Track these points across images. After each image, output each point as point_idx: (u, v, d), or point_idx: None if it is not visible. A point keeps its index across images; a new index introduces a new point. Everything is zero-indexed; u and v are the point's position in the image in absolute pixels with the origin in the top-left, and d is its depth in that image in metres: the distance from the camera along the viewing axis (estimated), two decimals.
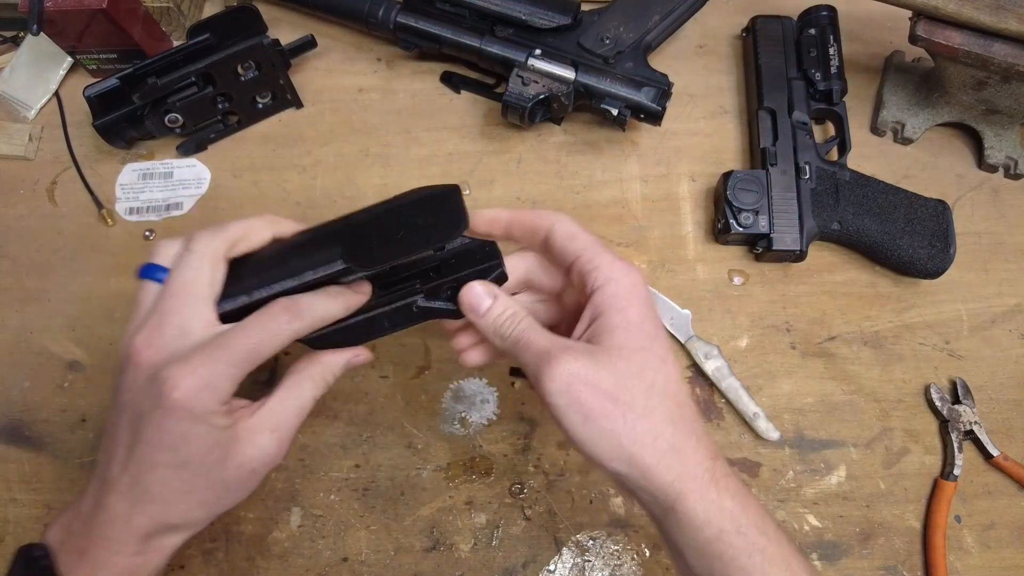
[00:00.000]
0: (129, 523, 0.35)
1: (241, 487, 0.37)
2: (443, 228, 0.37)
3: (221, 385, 0.34)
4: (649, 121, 0.57)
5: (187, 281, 0.36)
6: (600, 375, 0.34)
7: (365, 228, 0.38)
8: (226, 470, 0.36)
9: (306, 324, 0.37)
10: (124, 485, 0.35)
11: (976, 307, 0.57)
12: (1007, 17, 0.49)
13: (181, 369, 0.34)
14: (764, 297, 0.57)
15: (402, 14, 0.61)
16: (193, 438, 0.34)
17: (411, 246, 0.37)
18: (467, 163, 0.62)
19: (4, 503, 0.52)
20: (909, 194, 0.56)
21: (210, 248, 0.37)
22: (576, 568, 0.50)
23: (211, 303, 0.36)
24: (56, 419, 0.54)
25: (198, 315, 0.36)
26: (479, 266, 0.40)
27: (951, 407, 0.53)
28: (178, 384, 0.33)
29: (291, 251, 0.39)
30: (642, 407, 0.34)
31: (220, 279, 0.37)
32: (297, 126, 0.63)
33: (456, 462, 0.53)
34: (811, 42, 0.60)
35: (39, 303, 0.57)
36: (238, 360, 0.35)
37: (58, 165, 0.62)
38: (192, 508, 0.36)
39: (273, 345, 0.36)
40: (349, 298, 0.39)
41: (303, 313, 0.37)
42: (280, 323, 0.36)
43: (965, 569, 0.50)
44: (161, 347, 0.35)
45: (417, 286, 0.40)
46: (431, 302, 0.40)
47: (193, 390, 0.33)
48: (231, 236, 0.38)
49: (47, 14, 0.54)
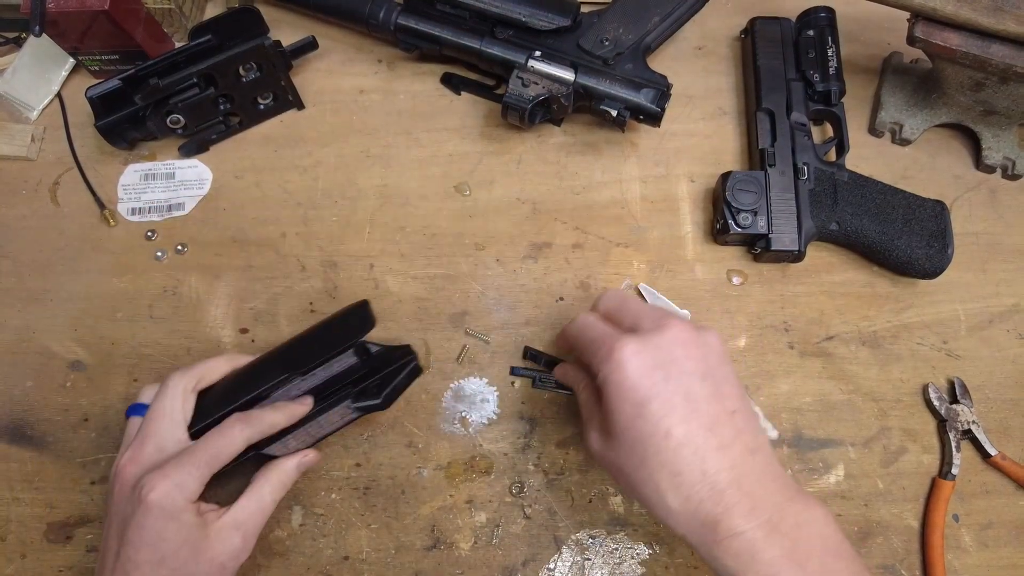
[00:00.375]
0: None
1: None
2: (356, 328, 0.48)
3: (189, 485, 0.41)
4: (648, 122, 0.58)
5: (163, 409, 0.45)
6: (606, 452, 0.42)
7: (297, 347, 0.50)
8: (198, 564, 0.41)
9: (256, 431, 0.45)
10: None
11: (974, 307, 0.57)
12: (1005, 18, 0.49)
13: (156, 475, 0.41)
14: (763, 297, 0.57)
15: (402, 16, 0.61)
16: (167, 533, 0.40)
17: (332, 346, 0.48)
18: (467, 164, 0.62)
19: (6, 502, 0.52)
20: (907, 195, 0.56)
21: (181, 384, 0.46)
22: (576, 566, 0.50)
23: (183, 425, 0.45)
24: (58, 419, 0.54)
25: (172, 435, 0.44)
26: (396, 364, 0.49)
27: (949, 407, 0.53)
28: (154, 487, 0.40)
29: (243, 376, 0.48)
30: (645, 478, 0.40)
31: (190, 407, 0.46)
32: (298, 127, 0.63)
33: (456, 461, 0.53)
34: (810, 43, 0.60)
35: (41, 303, 0.58)
36: (202, 464, 0.42)
37: (60, 166, 0.62)
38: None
39: (230, 450, 0.43)
40: (293, 409, 0.47)
41: (253, 422, 0.45)
42: (235, 432, 0.44)
43: (963, 568, 0.50)
44: (142, 462, 0.43)
45: (349, 389, 0.49)
46: (359, 402, 0.49)
47: (166, 490, 0.40)
48: (197, 374, 0.47)
49: (49, 15, 0.54)
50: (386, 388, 0.49)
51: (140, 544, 0.40)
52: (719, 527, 0.36)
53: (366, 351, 0.50)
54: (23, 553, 0.51)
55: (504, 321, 0.56)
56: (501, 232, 0.59)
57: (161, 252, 0.59)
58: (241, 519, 0.44)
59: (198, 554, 0.41)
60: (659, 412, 0.37)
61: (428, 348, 0.56)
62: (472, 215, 0.60)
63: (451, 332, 0.56)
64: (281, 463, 0.47)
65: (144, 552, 0.40)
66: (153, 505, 0.40)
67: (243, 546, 0.43)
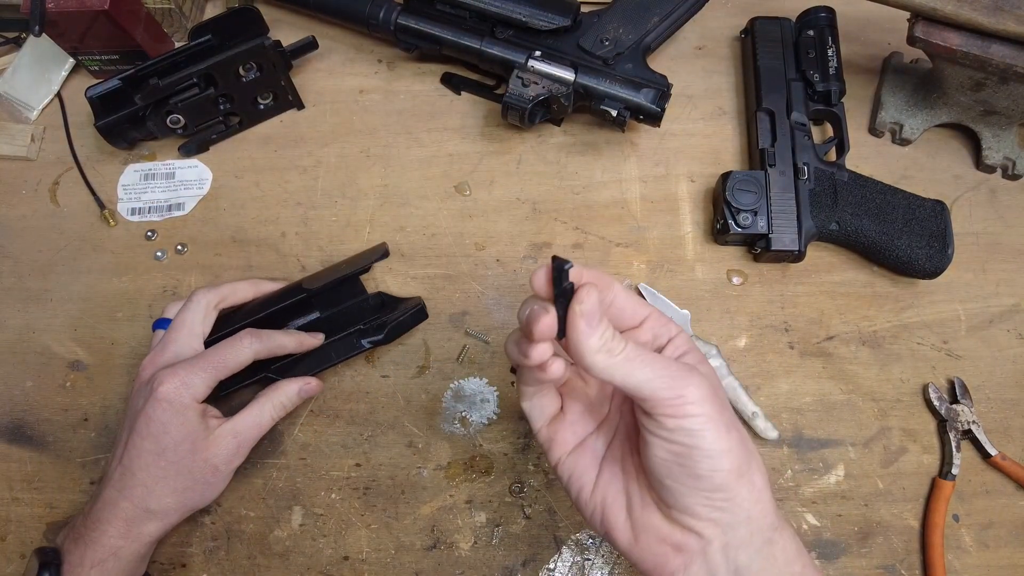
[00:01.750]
0: (116, 506, 0.44)
1: (206, 482, 0.46)
2: (370, 259, 0.54)
3: (196, 385, 0.45)
4: (648, 122, 0.58)
5: (185, 321, 0.48)
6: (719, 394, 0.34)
7: (315, 276, 0.54)
8: (194, 462, 0.45)
9: (264, 347, 0.48)
10: (117, 475, 0.45)
11: (974, 307, 0.57)
12: (1005, 18, 0.49)
13: (167, 372, 0.45)
14: (763, 297, 0.57)
15: (403, 16, 0.61)
16: (171, 426, 0.44)
17: (346, 271, 0.53)
18: (467, 164, 0.62)
19: (6, 502, 0.52)
20: (907, 194, 0.56)
21: (205, 299, 0.49)
22: (576, 566, 0.50)
23: (200, 337, 0.48)
24: (58, 418, 0.54)
25: (189, 344, 0.48)
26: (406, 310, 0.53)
27: (949, 407, 0.53)
28: (163, 381, 0.44)
29: (263, 300, 0.52)
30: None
31: (210, 322, 0.49)
32: (298, 127, 0.63)
33: (456, 461, 0.53)
34: (810, 43, 0.60)
35: (41, 303, 0.58)
36: (209, 367, 0.46)
37: (60, 166, 0.62)
38: (165, 493, 0.45)
39: (237, 359, 0.47)
40: (304, 339, 0.51)
41: (263, 338, 0.48)
42: (244, 343, 0.47)
43: (963, 568, 0.50)
44: (159, 364, 0.47)
45: (360, 327, 0.53)
46: (366, 337, 0.53)
47: (174, 386, 0.44)
48: (222, 292, 0.50)
49: (49, 15, 0.54)
50: (389, 325, 0.53)
51: (146, 433, 0.44)
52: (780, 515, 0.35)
53: (381, 299, 0.55)
54: (23, 553, 0.51)
55: (504, 321, 0.56)
56: (501, 232, 0.59)
57: (161, 252, 0.59)
58: (239, 428, 0.47)
59: (195, 451, 0.45)
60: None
61: (428, 348, 0.56)
62: (472, 215, 0.60)
63: (451, 332, 0.56)
64: (284, 385, 0.50)
65: (148, 441, 0.44)
66: (161, 398, 0.44)
67: (236, 452, 0.47)
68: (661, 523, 0.34)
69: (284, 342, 0.49)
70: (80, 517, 0.45)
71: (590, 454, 0.38)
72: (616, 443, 0.38)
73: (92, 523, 0.44)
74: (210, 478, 0.46)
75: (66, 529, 0.46)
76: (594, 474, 0.37)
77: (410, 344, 0.56)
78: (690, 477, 0.32)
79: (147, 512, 0.44)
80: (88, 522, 0.44)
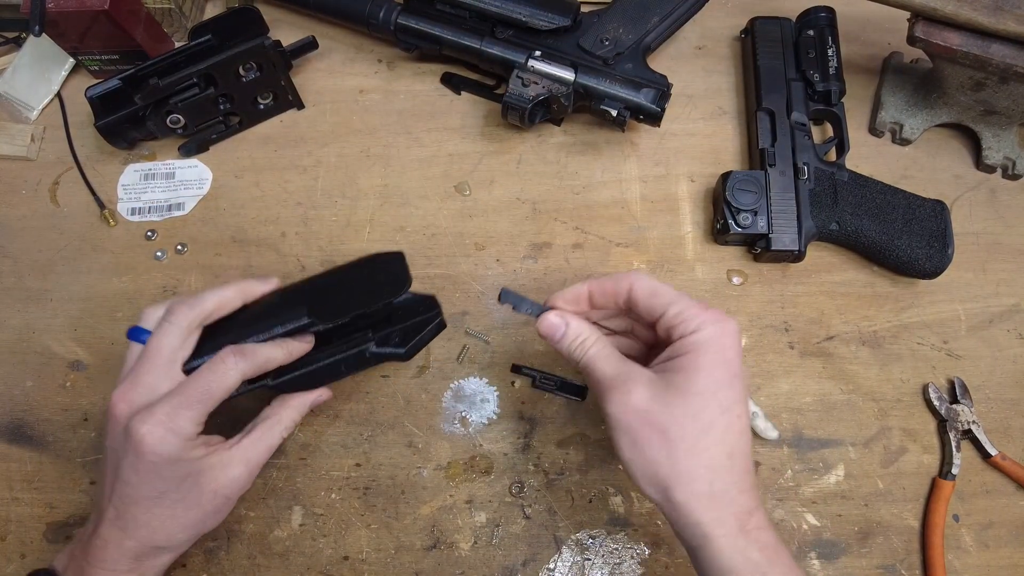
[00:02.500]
0: (121, 546, 0.40)
1: (217, 511, 0.43)
2: (390, 287, 0.46)
3: (184, 427, 0.40)
4: (648, 122, 0.58)
5: (161, 346, 0.42)
6: (656, 409, 0.37)
7: (325, 289, 0.47)
8: (202, 496, 0.41)
9: (251, 366, 0.42)
10: (112, 515, 0.41)
11: (974, 307, 0.57)
12: (1005, 18, 0.49)
13: (148, 420, 0.39)
14: (763, 297, 0.57)
15: (402, 16, 0.61)
16: (166, 473, 0.40)
17: (364, 303, 0.45)
18: (467, 163, 0.62)
19: (6, 502, 0.52)
20: (907, 194, 0.56)
21: (186, 319, 0.43)
22: (576, 566, 0.50)
23: (180, 365, 0.42)
24: (58, 418, 0.54)
25: (167, 375, 0.42)
26: (422, 316, 0.48)
27: (949, 406, 0.53)
28: (146, 433, 0.39)
29: (261, 313, 0.46)
30: (689, 447, 0.37)
31: (191, 346, 0.43)
32: (298, 127, 0.63)
33: (456, 461, 0.53)
34: (810, 43, 0.60)
35: (41, 303, 0.58)
36: (196, 403, 0.41)
37: (60, 166, 0.62)
38: (175, 531, 0.42)
39: (224, 385, 0.41)
40: (291, 346, 0.45)
41: (248, 356, 0.42)
42: (227, 366, 0.41)
43: (963, 568, 0.50)
44: (132, 402, 0.41)
45: (369, 335, 0.48)
46: (382, 348, 0.47)
47: (160, 436, 0.39)
48: (206, 308, 0.44)
49: (49, 15, 0.54)
50: (410, 340, 0.47)
51: (138, 484, 0.40)
52: (751, 519, 0.37)
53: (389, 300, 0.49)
54: (23, 553, 0.51)
55: (504, 321, 0.56)
56: (501, 232, 0.59)
57: (161, 252, 0.59)
58: (251, 455, 0.43)
59: (201, 487, 0.41)
60: (741, 393, 0.38)
61: (428, 348, 0.56)
62: (472, 215, 0.60)
63: (451, 332, 0.56)
64: (292, 399, 0.46)
65: (143, 488, 0.40)
66: (147, 451, 0.39)
67: (247, 480, 0.44)
68: None
69: (272, 356, 0.44)
70: (79, 547, 0.42)
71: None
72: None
73: (96, 562, 0.40)
74: (222, 507, 0.43)
75: (65, 556, 0.43)
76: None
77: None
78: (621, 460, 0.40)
79: (156, 549, 0.42)
80: (91, 560, 0.41)
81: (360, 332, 0.48)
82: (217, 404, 0.42)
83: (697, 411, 0.37)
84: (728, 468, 0.37)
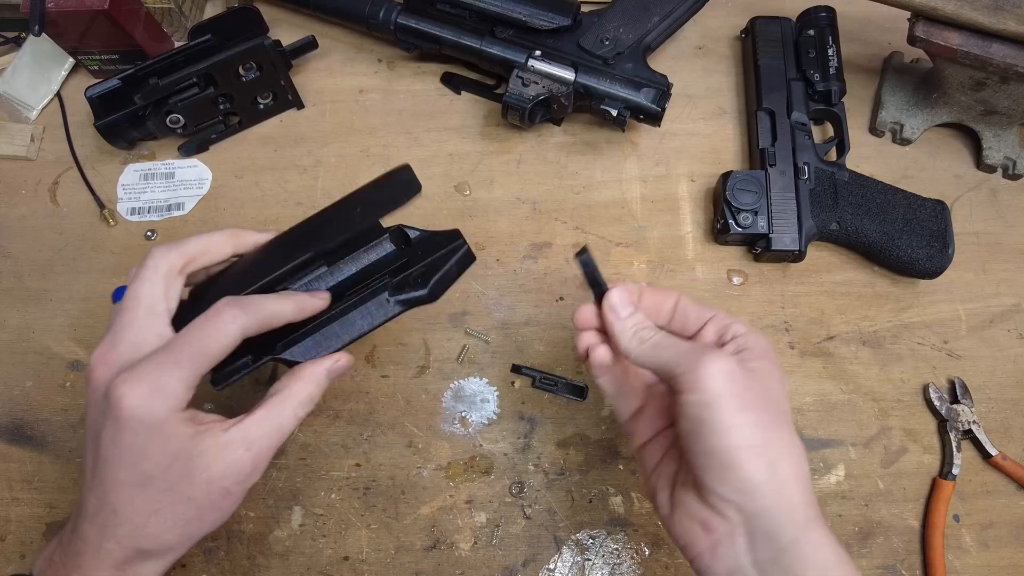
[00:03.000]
0: (99, 550, 0.34)
1: (214, 507, 0.35)
2: (401, 192, 0.38)
3: (173, 389, 0.33)
4: (649, 122, 0.58)
5: (140, 295, 0.36)
6: (749, 376, 0.34)
7: (322, 222, 0.40)
8: (193, 486, 0.34)
9: (253, 320, 0.35)
10: (92, 507, 0.34)
11: (974, 307, 0.57)
12: (1005, 18, 0.49)
13: (129, 379, 0.32)
14: (763, 297, 0.57)
15: (402, 15, 0.61)
16: (150, 450, 0.33)
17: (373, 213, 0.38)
18: (467, 163, 0.62)
19: (6, 502, 0.52)
20: (908, 194, 0.56)
21: (165, 261, 0.37)
22: (576, 567, 0.50)
23: (166, 316, 0.36)
24: (58, 418, 0.54)
25: (151, 328, 0.35)
26: (445, 248, 0.41)
27: (950, 407, 0.53)
28: (126, 394, 0.32)
29: (257, 263, 0.39)
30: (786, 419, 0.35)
31: (175, 293, 0.37)
32: (298, 127, 0.63)
33: (456, 461, 0.53)
34: (810, 43, 0.60)
35: (41, 303, 0.58)
36: (186, 360, 0.33)
37: (60, 165, 0.62)
38: (163, 530, 0.34)
39: (221, 342, 0.34)
40: (303, 301, 0.38)
41: (249, 308, 0.35)
42: (225, 318, 0.34)
43: (964, 568, 0.50)
44: (113, 362, 0.34)
45: (387, 280, 0.41)
46: (404, 293, 0.41)
47: (142, 398, 0.32)
48: (189, 250, 0.38)
49: (49, 15, 0.54)
50: (433, 276, 0.41)
51: (118, 463, 0.33)
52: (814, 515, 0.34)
53: (405, 237, 0.42)
54: (23, 553, 0.51)
55: (504, 321, 0.56)
56: (501, 232, 0.59)
57: None
58: (253, 436, 0.35)
59: (192, 474, 0.34)
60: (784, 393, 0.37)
61: (428, 348, 0.56)
62: (472, 215, 0.60)
63: (451, 332, 0.56)
64: (306, 369, 0.38)
65: (123, 472, 0.33)
66: (127, 416, 0.32)
67: (252, 468, 0.35)
68: (692, 500, 0.35)
69: (278, 309, 0.36)
70: (59, 551, 0.36)
71: (660, 444, 0.40)
72: None
73: (73, 566, 0.34)
74: (220, 502, 0.35)
75: (43, 561, 0.36)
76: (658, 459, 0.39)
77: (410, 344, 0.56)
78: (703, 452, 0.33)
79: (140, 553, 0.34)
80: (69, 568, 0.34)
81: (376, 280, 0.41)
82: (212, 364, 0.34)
83: (777, 391, 0.35)
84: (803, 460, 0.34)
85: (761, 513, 0.33)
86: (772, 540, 0.33)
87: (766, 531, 0.33)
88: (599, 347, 0.41)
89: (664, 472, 0.39)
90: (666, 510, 0.37)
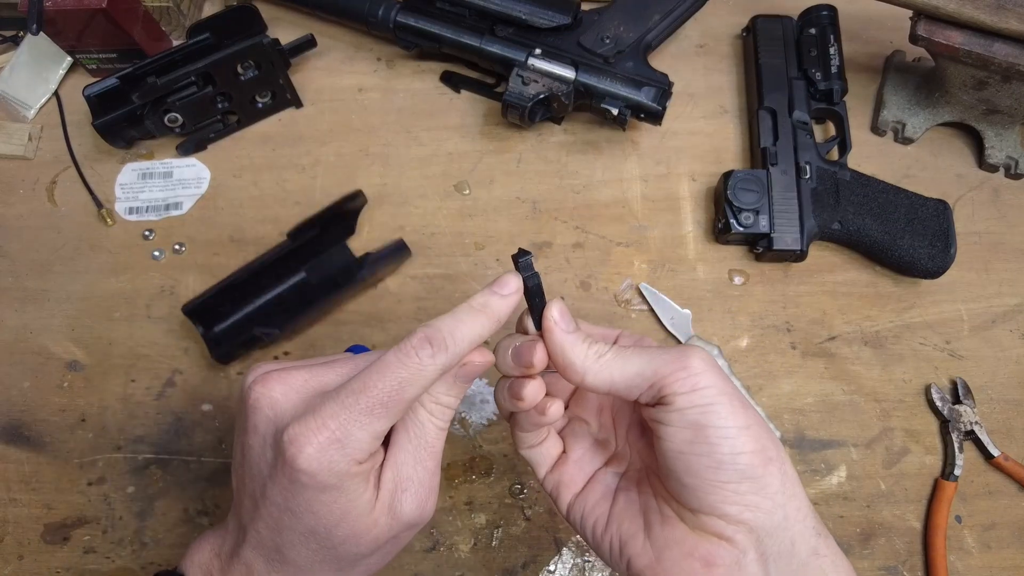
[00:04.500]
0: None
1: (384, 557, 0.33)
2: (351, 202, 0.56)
3: (357, 441, 0.28)
4: (649, 121, 0.57)
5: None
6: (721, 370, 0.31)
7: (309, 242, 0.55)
8: (360, 547, 0.31)
9: (451, 357, 0.30)
10: (255, 539, 0.31)
11: (976, 307, 0.57)
12: (1008, 17, 0.49)
13: (306, 427, 0.28)
14: (764, 297, 0.57)
15: (402, 14, 0.61)
16: (317, 506, 0.29)
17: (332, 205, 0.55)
18: (467, 162, 0.61)
19: (4, 503, 0.52)
20: (910, 194, 0.56)
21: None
22: (576, 568, 0.50)
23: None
24: (55, 419, 0.54)
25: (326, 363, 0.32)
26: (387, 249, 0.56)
27: (952, 407, 0.53)
28: (303, 448, 0.28)
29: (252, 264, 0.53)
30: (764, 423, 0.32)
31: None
32: (297, 126, 0.63)
33: (456, 462, 0.52)
34: (811, 42, 0.60)
35: (39, 303, 0.57)
36: (377, 406, 0.29)
37: (58, 165, 0.62)
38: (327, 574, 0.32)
39: (419, 384, 0.30)
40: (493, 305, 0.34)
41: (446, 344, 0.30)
42: (423, 358, 0.29)
43: (966, 569, 0.50)
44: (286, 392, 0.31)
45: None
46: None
47: (318, 448, 0.28)
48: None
49: (47, 14, 0.54)
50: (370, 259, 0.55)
51: (284, 509, 0.30)
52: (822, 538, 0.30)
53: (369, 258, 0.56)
54: (20, 554, 0.51)
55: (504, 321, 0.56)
56: (501, 232, 0.59)
57: (159, 251, 0.58)
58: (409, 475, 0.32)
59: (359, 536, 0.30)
60: None
61: None
62: (472, 214, 0.60)
63: None
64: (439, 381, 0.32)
65: (288, 519, 0.30)
66: (302, 474, 0.28)
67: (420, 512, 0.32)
68: (685, 535, 0.30)
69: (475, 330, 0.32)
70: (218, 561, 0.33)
71: (601, 488, 0.34)
72: (631, 472, 0.35)
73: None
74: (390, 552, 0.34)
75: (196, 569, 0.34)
76: (607, 505, 0.34)
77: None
78: (711, 467, 0.29)
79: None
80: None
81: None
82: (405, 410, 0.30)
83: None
84: None
85: (778, 528, 0.29)
86: (790, 558, 0.29)
87: (781, 549, 0.29)
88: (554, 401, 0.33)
89: (625, 519, 0.33)
90: (647, 558, 0.31)
